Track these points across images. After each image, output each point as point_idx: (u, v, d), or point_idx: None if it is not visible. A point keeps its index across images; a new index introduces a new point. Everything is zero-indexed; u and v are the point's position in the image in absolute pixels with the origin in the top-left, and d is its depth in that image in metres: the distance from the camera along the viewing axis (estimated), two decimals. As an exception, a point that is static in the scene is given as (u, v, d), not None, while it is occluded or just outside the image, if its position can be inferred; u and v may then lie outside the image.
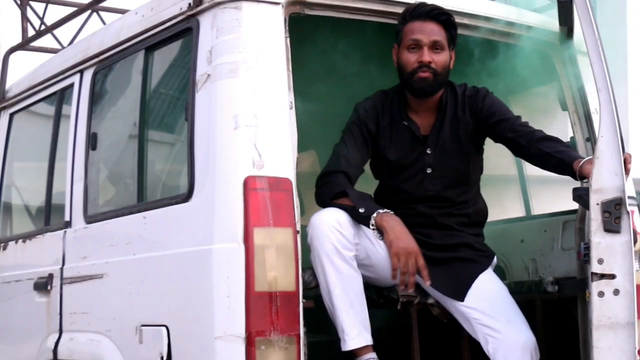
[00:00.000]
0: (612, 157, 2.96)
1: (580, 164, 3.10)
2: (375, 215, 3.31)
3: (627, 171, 3.01)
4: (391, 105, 3.58)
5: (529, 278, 4.04)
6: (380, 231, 3.33)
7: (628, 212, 2.94)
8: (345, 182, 3.43)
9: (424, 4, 3.46)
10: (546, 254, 4.02)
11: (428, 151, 3.53)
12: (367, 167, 3.65)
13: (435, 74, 3.45)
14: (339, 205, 3.35)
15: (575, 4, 3.07)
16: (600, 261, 2.95)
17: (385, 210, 3.34)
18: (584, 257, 3.01)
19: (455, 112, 3.55)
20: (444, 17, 3.46)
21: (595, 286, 2.95)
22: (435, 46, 3.44)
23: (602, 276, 2.95)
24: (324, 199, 3.42)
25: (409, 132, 3.55)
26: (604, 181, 2.96)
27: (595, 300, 2.95)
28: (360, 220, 3.33)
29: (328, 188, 3.43)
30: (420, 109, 3.56)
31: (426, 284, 3.34)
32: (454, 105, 3.56)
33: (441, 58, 3.46)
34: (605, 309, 2.94)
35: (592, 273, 2.96)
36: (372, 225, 3.31)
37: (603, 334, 2.94)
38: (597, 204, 2.96)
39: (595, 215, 2.96)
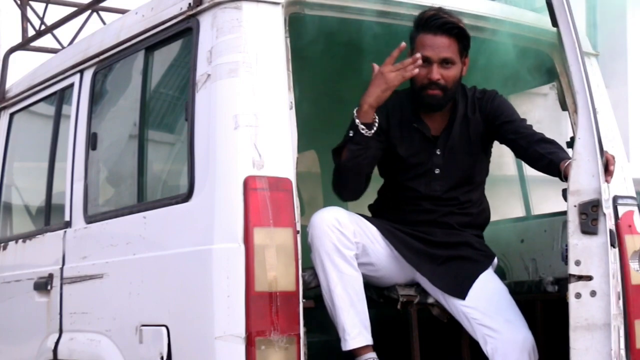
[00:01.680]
0: (589, 159, 2.96)
1: (565, 164, 3.10)
2: (355, 114, 3.37)
3: (610, 172, 3.00)
4: (402, 106, 3.58)
5: (529, 278, 4.04)
6: (370, 124, 3.38)
7: (605, 214, 2.94)
8: None
9: (436, 16, 3.44)
10: (546, 254, 4.02)
11: (437, 152, 3.55)
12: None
13: (444, 90, 3.47)
14: (345, 158, 3.41)
15: (553, 5, 3.06)
16: (578, 263, 2.96)
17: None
18: (565, 258, 3.02)
19: (465, 113, 3.57)
20: (455, 31, 3.46)
21: (573, 287, 2.95)
22: (445, 62, 3.45)
23: (580, 277, 2.95)
24: (339, 179, 3.48)
25: (419, 133, 3.56)
26: (582, 183, 2.96)
27: (572, 301, 2.96)
28: (355, 137, 3.38)
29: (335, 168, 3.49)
30: (432, 113, 3.57)
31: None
32: (464, 106, 3.58)
33: (451, 73, 3.47)
34: (582, 310, 2.95)
35: (570, 274, 2.96)
36: (357, 120, 3.37)
37: (580, 335, 2.94)
38: (575, 206, 2.97)
39: (572, 217, 2.97)
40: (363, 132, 3.37)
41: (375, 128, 3.39)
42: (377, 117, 3.40)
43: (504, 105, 3.58)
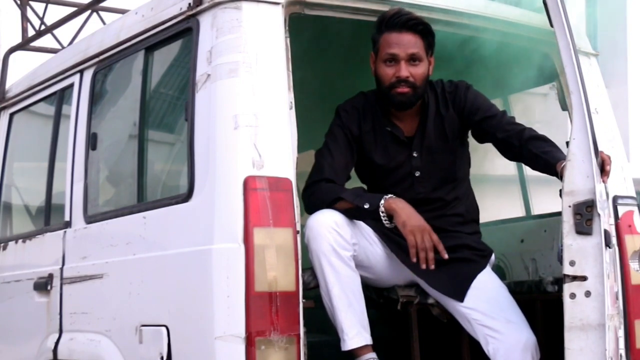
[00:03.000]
0: (584, 160, 2.95)
1: (562, 165, 3.07)
2: (382, 202, 3.31)
3: (606, 173, 2.99)
4: (373, 109, 3.54)
5: (529, 278, 4.04)
6: (390, 217, 3.32)
7: (599, 215, 2.94)
8: (335, 187, 3.40)
9: (399, 14, 3.39)
10: (546, 254, 4.02)
11: (415, 154, 3.51)
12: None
13: (414, 88, 3.41)
14: (339, 210, 3.33)
15: (548, 6, 3.06)
16: (572, 263, 2.95)
17: (389, 195, 3.34)
18: (560, 258, 3.02)
19: (437, 110, 3.52)
20: (420, 27, 3.40)
21: (567, 288, 2.95)
22: (412, 59, 3.39)
23: (574, 278, 2.95)
24: (318, 209, 3.35)
25: (393, 136, 3.52)
26: (576, 183, 2.96)
27: (567, 301, 2.96)
28: (367, 215, 3.32)
29: (318, 197, 3.39)
30: (402, 114, 3.52)
31: (444, 257, 3.32)
32: (435, 103, 3.52)
33: (419, 70, 3.41)
34: (576, 310, 2.94)
35: (564, 275, 2.96)
36: (383, 213, 3.31)
37: (575, 335, 2.94)
38: (569, 206, 2.96)
39: (567, 218, 2.96)
40: (386, 224, 3.34)
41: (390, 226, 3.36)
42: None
43: (479, 98, 3.52)
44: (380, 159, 3.52)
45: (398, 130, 3.52)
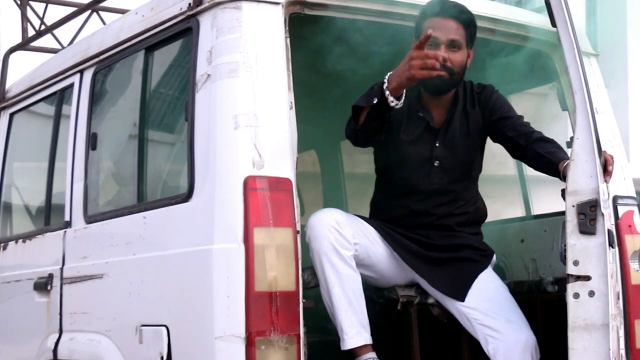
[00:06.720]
0: (587, 160, 2.95)
1: (564, 164, 3.08)
2: (385, 85, 3.17)
3: (608, 173, 3.00)
4: (409, 92, 3.56)
5: (529, 278, 4.04)
6: (399, 92, 3.18)
7: (603, 214, 2.94)
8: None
9: (445, 1, 3.44)
10: (546, 254, 4.02)
11: (437, 144, 3.54)
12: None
13: (451, 73, 3.44)
14: (364, 121, 3.26)
15: (551, 5, 3.06)
16: (576, 263, 2.95)
17: (383, 80, 3.21)
18: (563, 258, 3.02)
19: (464, 107, 3.56)
20: (464, 16, 3.45)
21: (571, 287, 2.95)
22: (452, 45, 3.43)
23: (578, 277, 2.95)
24: (354, 134, 3.34)
25: (423, 122, 3.55)
26: (580, 183, 2.96)
27: (570, 301, 2.96)
28: (386, 107, 3.20)
29: (348, 125, 3.36)
30: (433, 103, 3.56)
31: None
32: (463, 100, 3.57)
33: (458, 57, 3.45)
34: (580, 310, 2.95)
35: (568, 274, 2.96)
36: (388, 94, 3.16)
37: (578, 335, 2.94)
38: (573, 206, 2.97)
39: (570, 217, 2.97)
40: (392, 103, 3.18)
41: (402, 101, 3.21)
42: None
43: (501, 100, 3.58)
44: (406, 137, 3.52)
45: (430, 116, 3.54)
